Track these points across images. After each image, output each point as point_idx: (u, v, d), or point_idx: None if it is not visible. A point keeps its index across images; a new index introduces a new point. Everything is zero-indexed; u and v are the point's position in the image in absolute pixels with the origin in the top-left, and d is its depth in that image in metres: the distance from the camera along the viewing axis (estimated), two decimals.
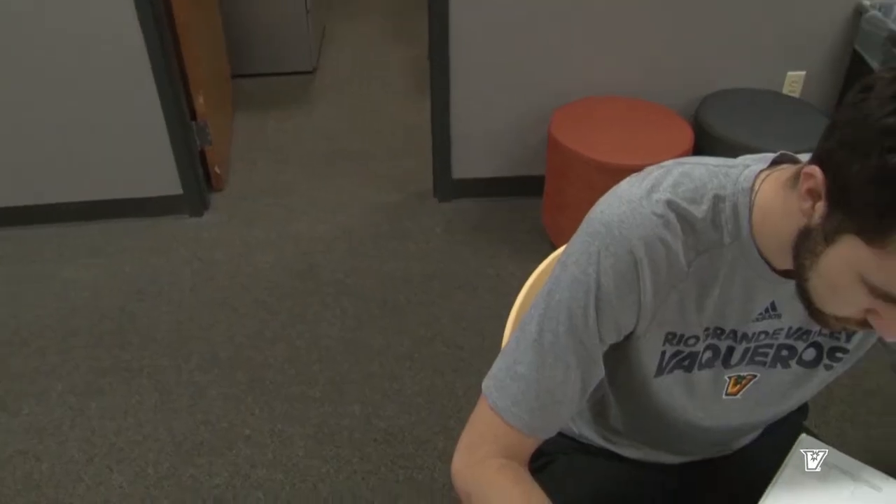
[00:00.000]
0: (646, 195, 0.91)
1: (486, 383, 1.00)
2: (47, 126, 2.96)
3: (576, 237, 0.95)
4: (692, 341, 0.98)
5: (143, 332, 2.65)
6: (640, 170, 0.97)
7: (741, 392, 1.06)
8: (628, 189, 0.93)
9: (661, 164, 0.96)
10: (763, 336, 0.99)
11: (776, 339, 1.00)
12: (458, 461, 1.02)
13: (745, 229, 0.90)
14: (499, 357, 1.00)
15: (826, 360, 1.04)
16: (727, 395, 1.06)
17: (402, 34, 4.93)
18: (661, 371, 1.01)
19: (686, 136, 2.79)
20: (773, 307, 0.96)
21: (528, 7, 2.85)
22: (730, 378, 1.04)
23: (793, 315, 0.97)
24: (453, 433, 1.02)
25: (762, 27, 2.98)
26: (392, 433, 2.28)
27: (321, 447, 2.25)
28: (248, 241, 3.09)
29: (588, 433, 1.25)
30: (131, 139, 3.03)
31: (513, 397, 0.97)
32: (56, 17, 2.72)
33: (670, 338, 0.98)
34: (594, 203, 0.96)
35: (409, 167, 3.56)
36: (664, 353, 0.99)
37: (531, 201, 3.23)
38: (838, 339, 1.02)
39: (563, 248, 0.98)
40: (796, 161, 0.91)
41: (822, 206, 0.78)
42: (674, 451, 1.21)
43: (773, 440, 1.22)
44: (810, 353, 1.03)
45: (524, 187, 3.28)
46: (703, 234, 0.91)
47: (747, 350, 1.01)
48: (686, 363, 1.01)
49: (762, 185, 0.90)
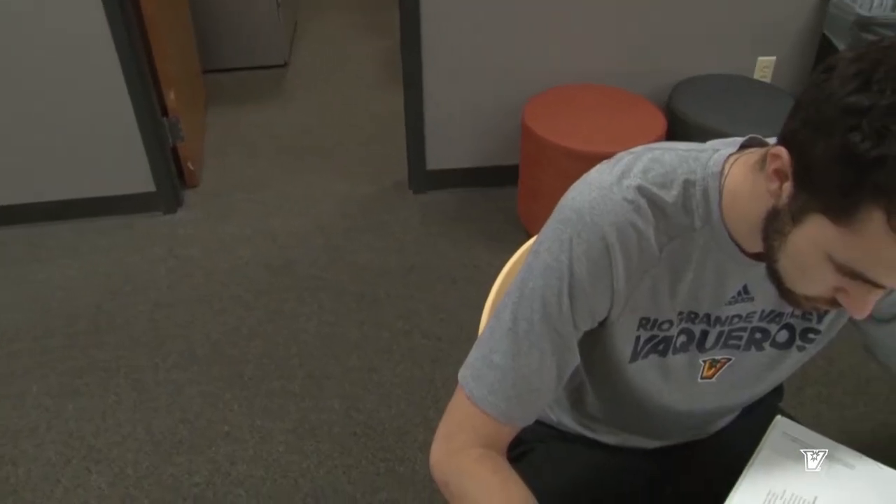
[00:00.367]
0: (616, 181, 0.91)
1: (463, 373, 1.01)
2: (17, 126, 2.92)
3: (547, 225, 0.95)
4: (666, 326, 0.99)
5: (119, 331, 2.63)
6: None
7: (716, 375, 1.07)
8: (599, 176, 0.94)
9: (631, 150, 0.96)
10: (737, 320, 1.00)
11: (750, 322, 1.01)
12: (436, 451, 1.02)
13: (715, 213, 0.91)
14: (474, 346, 1.00)
15: (799, 342, 1.05)
16: (702, 378, 1.06)
17: (373, 26, 4.91)
18: (635, 356, 1.02)
19: (659, 123, 2.80)
20: (745, 290, 0.97)
21: None
22: (704, 362, 1.04)
23: (765, 298, 0.98)
24: (433, 424, 1.02)
25: (733, 14, 3.00)
26: (372, 426, 2.28)
27: (301, 442, 2.24)
28: (223, 237, 3.08)
29: (566, 420, 1.25)
30: (102, 137, 2.99)
31: (489, 386, 0.97)
32: (21, 14, 2.69)
33: (644, 323, 0.98)
34: None
35: (383, 159, 3.55)
36: (638, 339, 1.00)
37: (506, 191, 3.24)
38: (810, 321, 1.03)
39: (537, 236, 0.98)
40: (765, 144, 0.91)
41: (788, 187, 0.78)
42: (651, 435, 1.22)
43: (749, 423, 1.23)
44: (783, 335, 1.04)
45: (499, 177, 3.28)
46: (674, 218, 0.92)
47: (721, 334, 1.01)
48: (661, 348, 1.02)
49: (731, 169, 0.90)
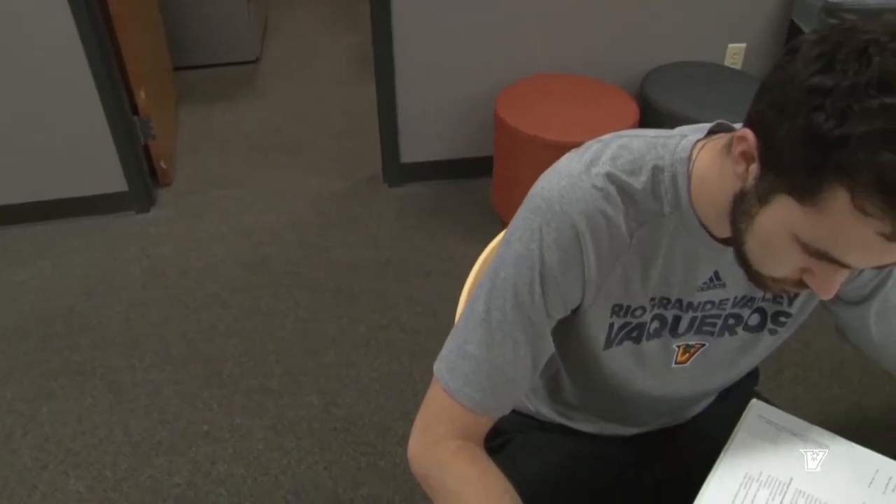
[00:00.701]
0: (585, 169, 0.92)
1: (438, 365, 1.01)
2: None
3: (518, 214, 0.95)
4: (639, 312, 0.99)
5: (93, 332, 2.61)
6: None
7: (690, 360, 1.07)
8: (568, 164, 0.94)
9: (600, 138, 0.97)
10: (709, 306, 1.01)
11: (723, 309, 1.02)
12: (414, 445, 1.02)
13: (684, 199, 0.91)
14: (448, 338, 1.01)
15: (770, 325, 1.06)
16: (676, 363, 1.07)
17: (344, 20, 4.89)
18: (609, 343, 1.02)
19: (631, 111, 2.81)
20: (716, 276, 0.97)
21: None
22: (678, 347, 1.05)
23: (737, 284, 0.99)
24: (413, 418, 1.02)
25: (703, 2, 3.01)
26: (352, 421, 2.28)
27: (281, 439, 2.24)
28: (197, 235, 3.05)
29: (544, 410, 1.26)
30: (73, 137, 2.96)
31: (464, 377, 0.97)
32: None
33: (617, 310, 0.99)
34: None
35: (357, 153, 3.54)
36: (612, 326, 1.00)
37: (481, 182, 3.24)
38: (781, 304, 1.04)
39: (508, 226, 0.99)
40: (732, 130, 0.92)
41: (755, 169, 0.79)
42: (628, 422, 1.22)
43: (725, 407, 1.24)
44: (755, 319, 1.05)
45: (473, 169, 3.28)
46: (644, 205, 0.92)
47: (694, 319, 1.02)
48: (634, 334, 1.02)
49: (699, 155, 0.91)
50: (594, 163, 0.92)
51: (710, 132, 0.93)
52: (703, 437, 1.15)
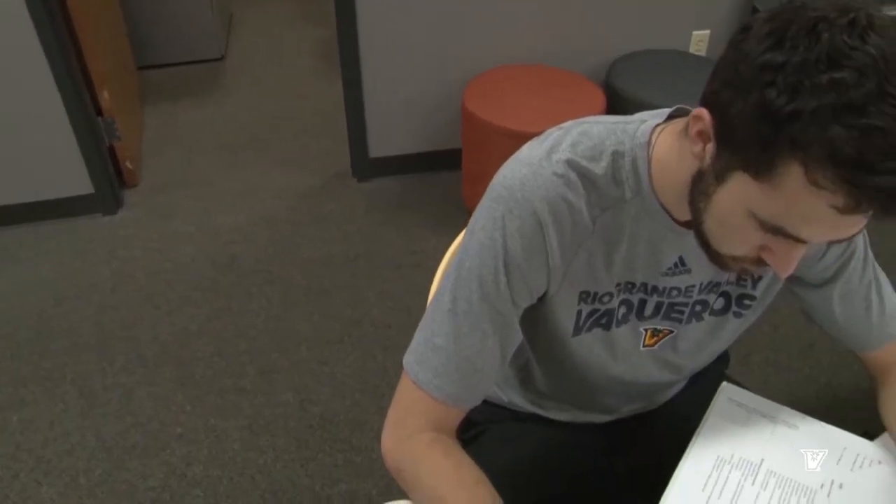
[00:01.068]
0: (545, 156, 0.92)
1: (407, 358, 1.00)
2: None
3: (481, 204, 0.96)
4: (606, 299, 1.00)
5: (63, 337, 2.57)
6: None
7: (658, 344, 1.08)
8: (528, 152, 0.94)
9: (561, 125, 0.97)
10: (676, 293, 1.01)
11: (690, 296, 1.03)
12: (387, 439, 1.02)
13: (645, 183, 0.92)
14: (417, 331, 1.00)
15: (735, 308, 1.07)
16: (644, 346, 1.08)
17: (309, 15, 4.86)
18: (578, 330, 1.03)
19: (598, 100, 2.82)
20: (682, 262, 0.98)
21: None
22: (645, 330, 1.06)
23: (702, 270, 0.99)
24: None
25: None
26: (327, 418, 2.27)
27: (257, 438, 2.22)
28: (166, 235, 3.03)
29: (517, 399, 1.26)
30: (35, 140, 2.92)
31: (434, 370, 0.97)
32: None
33: (584, 297, 0.99)
34: None
35: (325, 149, 3.52)
36: (580, 313, 1.01)
37: (450, 175, 3.24)
38: (745, 287, 1.05)
39: (472, 216, 0.99)
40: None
41: (711, 148, 0.80)
42: (600, 409, 1.23)
43: (696, 392, 1.25)
44: (720, 303, 1.06)
45: (442, 161, 3.28)
46: (605, 190, 0.93)
47: (660, 304, 1.02)
48: (604, 321, 1.03)
49: (659, 139, 0.92)
50: (554, 150, 0.93)
51: (670, 117, 0.94)
52: (676, 422, 1.16)
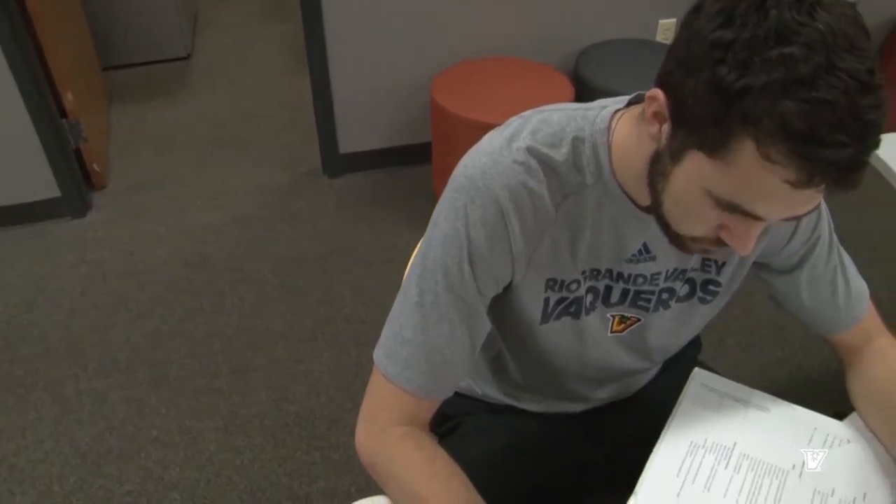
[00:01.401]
0: (506, 145, 0.92)
1: (377, 352, 1.00)
2: None
3: (443, 195, 0.96)
4: (574, 286, 1.00)
5: (34, 343, 2.54)
6: None
7: (626, 331, 1.09)
8: (489, 142, 0.95)
9: (521, 114, 0.97)
10: (642, 280, 1.02)
11: (656, 284, 1.03)
12: (361, 434, 1.02)
13: (605, 169, 0.92)
14: (385, 325, 1.00)
15: (700, 293, 1.07)
16: (612, 332, 1.08)
17: (276, 12, 4.83)
18: (546, 318, 1.03)
19: (566, 91, 2.82)
20: (646, 249, 0.98)
21: None
22: (612, 316, 1.06)
23: (667, 257, 1.00)
24: None
25: None
26: (303, 416, 2.26)
27: (233, 439, 2.21)
28: (136, 237, 3.00)
29: (490, 391, 1.26)
30: None
31: (403, 362, 0.97)
32: None
33: (551, 284, 0.99)
34: None
35: (295, 146, 3.50)
36: (548, 300, 1.01)
37: (420, 169, 3.23)
38: (710, 272, 1.06)
39: (435, 208, 0.98)
40: None
41: (667, 128, 0.80)
42: (573, 398, 1.23)
43: (669, 378, 1.26)
44: (685, 289, 1.07)
45: (412, 156, 3.27)
46: (566, 177, 0.93)
47: (626, 291, 1.03)
48: (573, 309, 1.03)
49: (618, 124, 0.92)
50: (514, 138, 0.93)
51: (630, 103, 0.94)
52: (650, 409, 1.16)
